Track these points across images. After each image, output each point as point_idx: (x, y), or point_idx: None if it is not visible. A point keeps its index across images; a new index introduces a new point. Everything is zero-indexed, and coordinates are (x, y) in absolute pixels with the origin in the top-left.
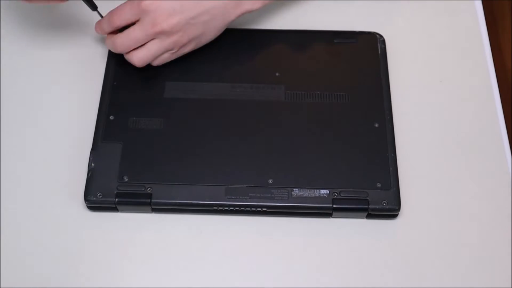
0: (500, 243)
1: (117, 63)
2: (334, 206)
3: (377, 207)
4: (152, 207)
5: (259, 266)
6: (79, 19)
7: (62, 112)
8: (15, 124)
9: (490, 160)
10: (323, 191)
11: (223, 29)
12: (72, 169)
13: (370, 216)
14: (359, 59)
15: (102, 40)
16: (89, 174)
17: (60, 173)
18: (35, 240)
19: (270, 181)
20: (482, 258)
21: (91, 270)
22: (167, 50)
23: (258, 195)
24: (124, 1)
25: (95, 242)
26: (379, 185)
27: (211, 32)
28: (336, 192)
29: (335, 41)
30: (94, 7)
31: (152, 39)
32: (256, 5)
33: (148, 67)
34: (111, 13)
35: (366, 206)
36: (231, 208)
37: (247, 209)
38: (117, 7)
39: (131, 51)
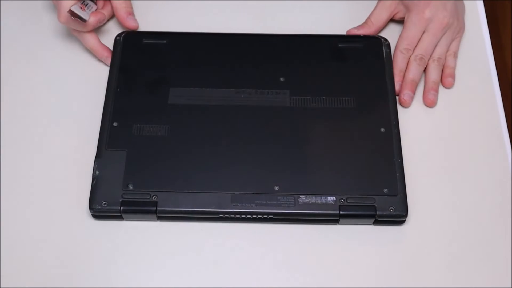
0: (509, 248)
1: (120, 69)
2: (341, 212)
3: (384, 213)
4: (158, 215)
5: (266, 273)
6: None
7: (66, 119)
8: (18, 132)
9: (495, 164)
10: (329, 198)
11: None
12: (77, 177)
13: (377, 222)
14: (364, 63)
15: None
16: (94, 182)
17: (64, 181)
18: (40, 249)
19: (276, 188)
20: (490, 264)
21: (96, 279)
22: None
23: (264, 202)
24: None
25: (100, 250)
26: (386, 191)
27: None
28: (342, 199)
29: (340, 45)
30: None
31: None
32: None
33: (151, 73)
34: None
35: (373, 213)
36: (237, 216)
37: (254, 216)
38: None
39: None
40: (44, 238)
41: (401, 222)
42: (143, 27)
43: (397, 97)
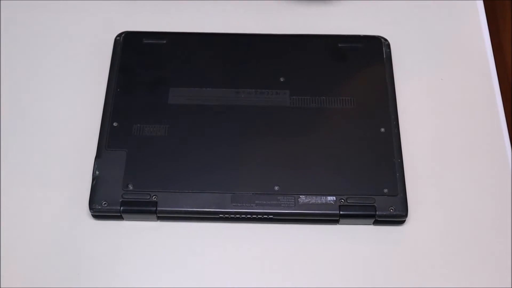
0: (509, 248)
1: (120, 69)
2: (341, 212)
3: (384, 213)
4: (158, 215)
5: (266, 273)
6: (81, 25)
7: (66, 119)
8: (18, 131)
9: (495, 165)
10: (329, 198)
11: None
12: (77, 177)
13: (377, 222)
14: (364, 63)
15: (105, 46)
16: (94, 182)
17: (64, 181)
18: (39, 249)
19: (276, 188)
20: (490, 264)
21: (96, 279)
22: None
23: (264, 202)
24: None
25: (100, 250)
26: (386, 191)
27: None
28: (342, 199)
29: (339, 45)
30: None
31: None
32: None
33: (151, 73)
34: None
35: (373, 213)
36: (237, 216)
37: (253, 216)
38: None
39: None
40: (44, 238)
41: (401, 222)
42: (143, 27)
43: (397, 100)
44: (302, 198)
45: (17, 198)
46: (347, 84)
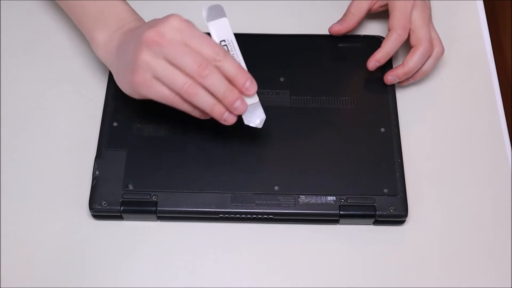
0: (509, 248)
1: None
2: (341, 212)
3: (384, 213)
4: (158, 215)
5: (266, 273)
6: None
7: (66, 120)
8: (18, 131)
9: (495, 164)
10: (329, 198)
11: None
12: (77, 177)
13: (377, 222)
14: (364, 63)
15: None
16: (94, 182)
17: (64, 181)
18: (40, 249)
19: (276, 188)
20: (490, 264)
21: (96, 279)
22: None
23: (264, 202)
24: None
25: (100, 250)
26: (386, 191)
27: None
28: (343, 199)
29: (339, 45)
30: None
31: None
32: None
33: None
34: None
35: (373, 213)
36: (237, 216)
37: (254, 216)
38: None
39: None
40: (44, 238)
41: (401, 222)
42: None
43: (397, 100)
44: (302, 198)
45: (17, 198)
46: (347, 84)
